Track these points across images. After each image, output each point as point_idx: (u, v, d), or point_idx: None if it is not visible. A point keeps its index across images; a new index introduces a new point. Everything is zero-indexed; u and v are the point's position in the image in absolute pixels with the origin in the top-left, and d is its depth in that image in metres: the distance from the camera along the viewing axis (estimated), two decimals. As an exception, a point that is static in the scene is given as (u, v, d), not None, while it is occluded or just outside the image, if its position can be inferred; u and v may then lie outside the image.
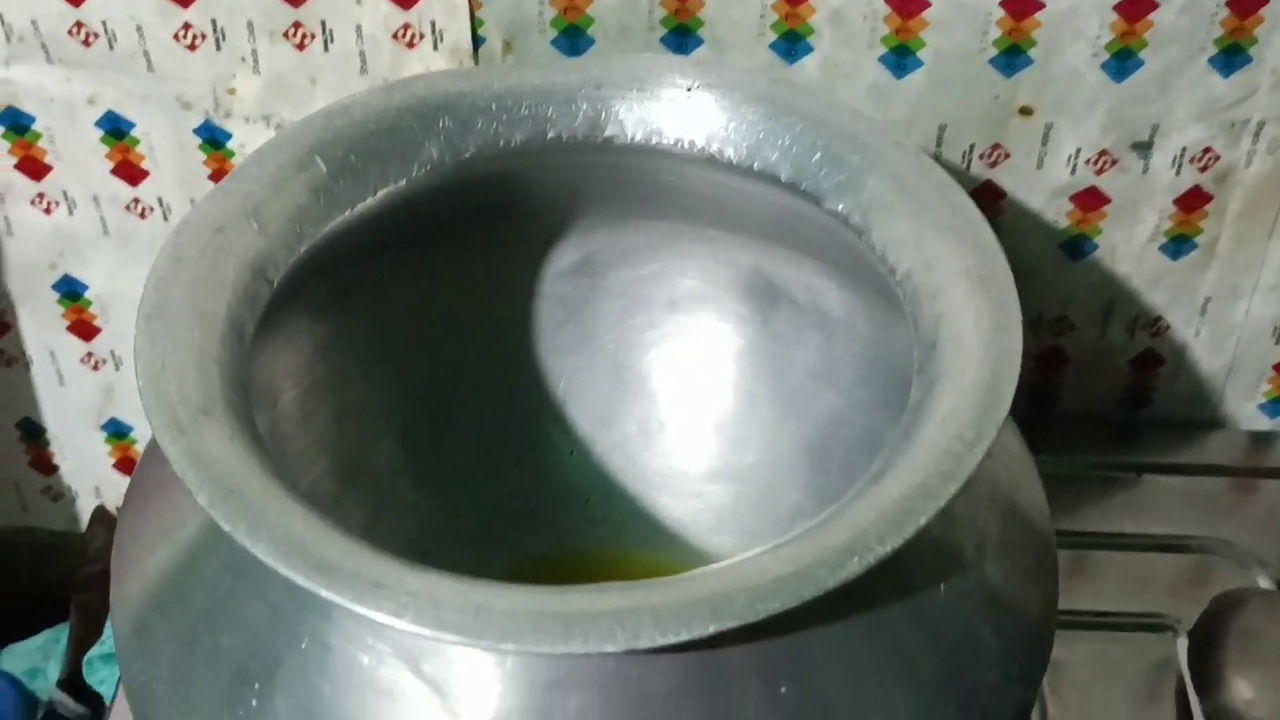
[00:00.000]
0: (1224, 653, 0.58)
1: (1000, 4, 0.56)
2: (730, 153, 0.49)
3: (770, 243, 0.56)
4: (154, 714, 0.42)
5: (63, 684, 0.70)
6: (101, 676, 0.68)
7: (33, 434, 0.73)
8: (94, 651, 0.69)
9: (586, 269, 0.59)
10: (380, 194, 0.48)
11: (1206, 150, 0.59)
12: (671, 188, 0.53)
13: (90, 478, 0.75)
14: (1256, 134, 0.59)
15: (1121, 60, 0.57)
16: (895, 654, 0.40)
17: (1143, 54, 0.57)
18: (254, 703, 0.39)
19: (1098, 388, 0.68)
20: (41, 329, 0.69)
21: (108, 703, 0.69)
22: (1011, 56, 0.57)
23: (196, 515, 0.42)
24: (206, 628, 0.41)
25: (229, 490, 0.37)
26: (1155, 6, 0.55)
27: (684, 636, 0.34)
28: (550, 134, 0.50)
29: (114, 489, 0.75)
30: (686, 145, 0.50)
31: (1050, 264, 0.63)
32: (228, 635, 0.40)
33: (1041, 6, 0.56)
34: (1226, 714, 0.57)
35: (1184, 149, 0.59)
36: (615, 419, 0.60)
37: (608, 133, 0.50)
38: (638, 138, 0.50)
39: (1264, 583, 0.63)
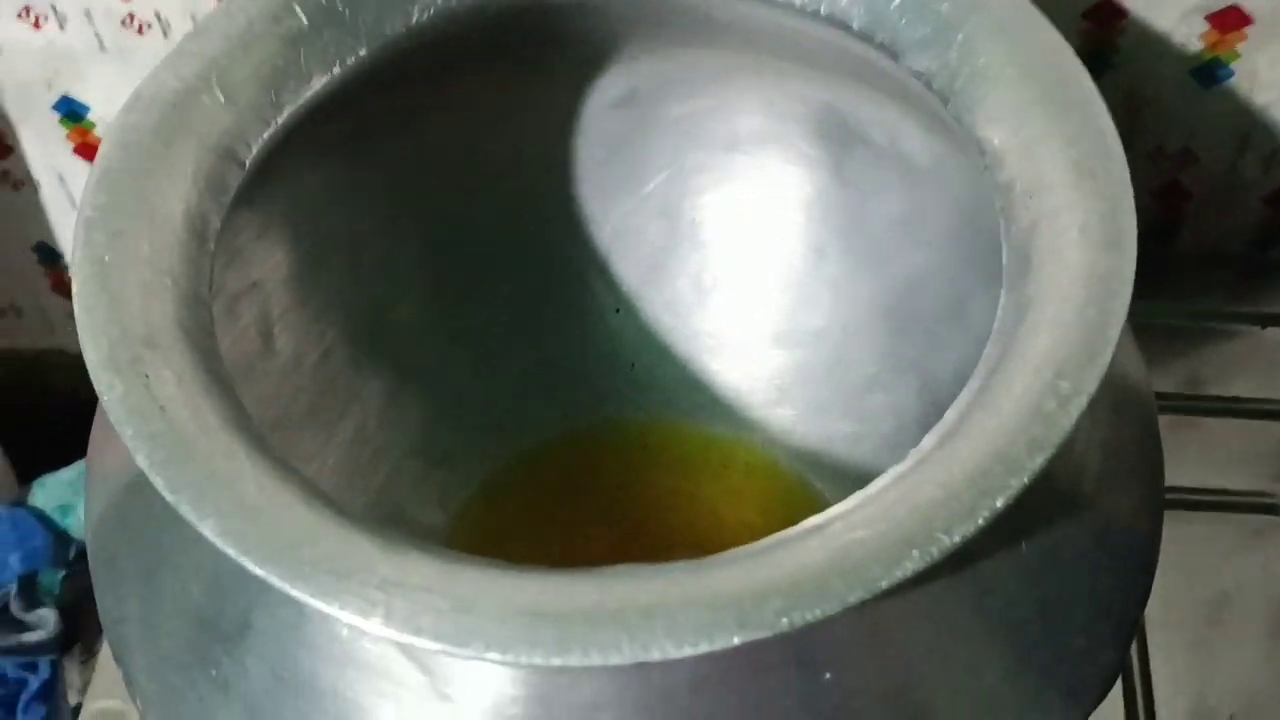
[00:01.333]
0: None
1: None
2: (796, -1, 0.41)
3: (846, 78, 0.48)
4: (127, 658, 0.38)
5: (93, 524, 0.66)
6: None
7: (50, 258, 0.68)
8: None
9: (633, 101, 0.51)
10: (375, 47, 0.41)
11: (1374, -40, 0.50)
12: (727, 24, 0.45)
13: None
14: None
15: None
16: (970, 620, 0.34)
17: None
18: (225, 663, 0.35)
19: (1226, 225, 0.59)
20: (46, 152, 0.63)
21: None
22: None
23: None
24: (174, 571, 0.36)
25: (169, 454, 0.31)
26: None
27: (703, 648, 0.29)
28: (582, -30, 0.42)
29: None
30: (746, -14, 0.41)
31: (1176, 92, 0.54)
32: (196, 583, 0.35)
33: None
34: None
35: (1347, -42, 0.50)
36: (665, 272, 0.54)
37: (651, -30, 0.42)
38: (689, -23, 0.42)
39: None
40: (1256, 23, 0.52)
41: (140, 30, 0.57)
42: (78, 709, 0.64)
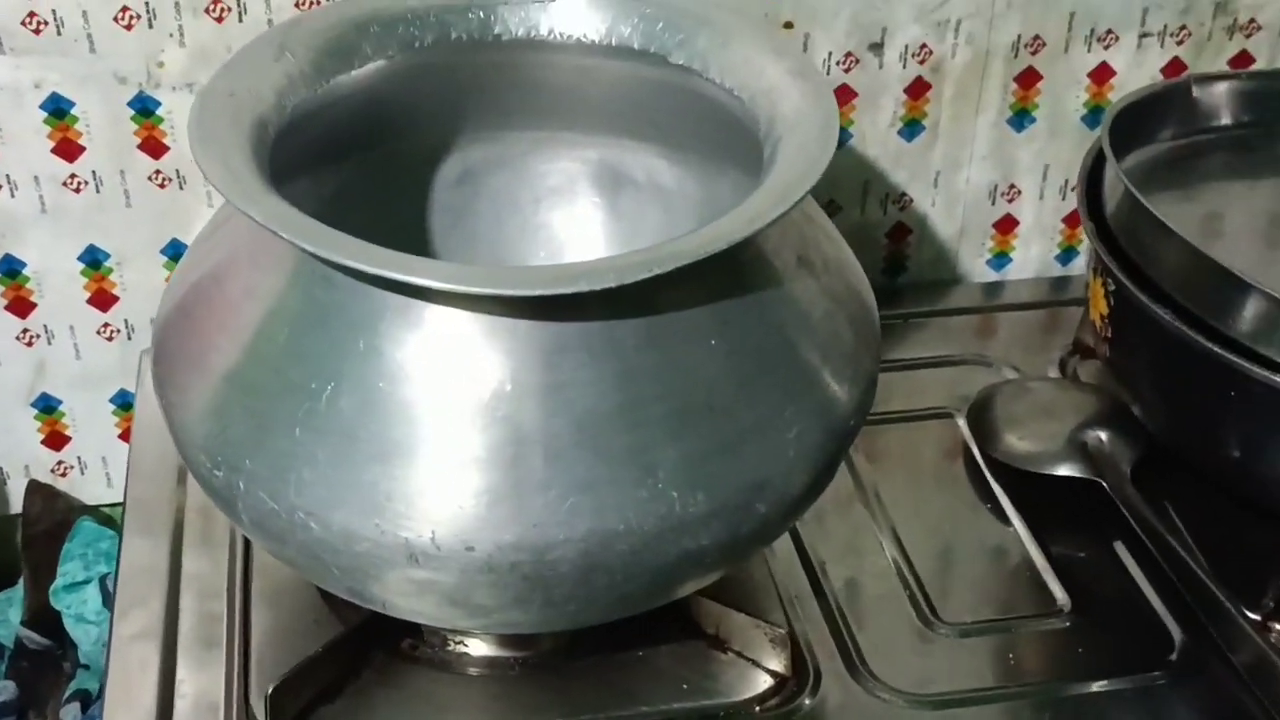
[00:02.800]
0: (996, 418, 0.76)
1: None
2: (593, 35, 0.65)
3: (616, 135, 0.72)
4: (231, 457, 0.54)
5: (26, 624, 0.78)
6: (68, 602, 0.77)
7: (-41, 419, 0.82)
8: (56, 584, 0.78)
9: (468, 179, 0.74)
10: (334, 81, 0.62)
11: (923, 46, 0.79)
12: (543, 84, 0.69)
13: (21, 456, 0.84)
14: (956, 30, 0.79)
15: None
16: (784, 320, 0.56)
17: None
18: (321, 407, 0.52)
19: (864, 260, 0.85)
20: (-22, 313, 0.79)
21: (71, 630, 0.78)
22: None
23: (253, 299, 0.55)
24: (274, 371, 0.53)
25: (313, 231, 0.50)
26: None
27: (656, 271, 0.49)
28: (453, 35, 0.65)
29: (42, 465, 0.84)
30: (559, 35, 0.66)
31: (818, 154, 0.81)
32: (296, 369, 0.53)
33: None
34: (1009, 457, 0.74)
35: (906, 46, 0.78)
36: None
37: (496, 30, 0.66)
38: (520, 33, 0.66)
39: (1013, 377, 0.81)
40: (860, 95, 0.80)
41: (77, 189, 0.75)
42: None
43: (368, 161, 0.70)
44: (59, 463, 0.85)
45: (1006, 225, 0.87)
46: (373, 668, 0.63)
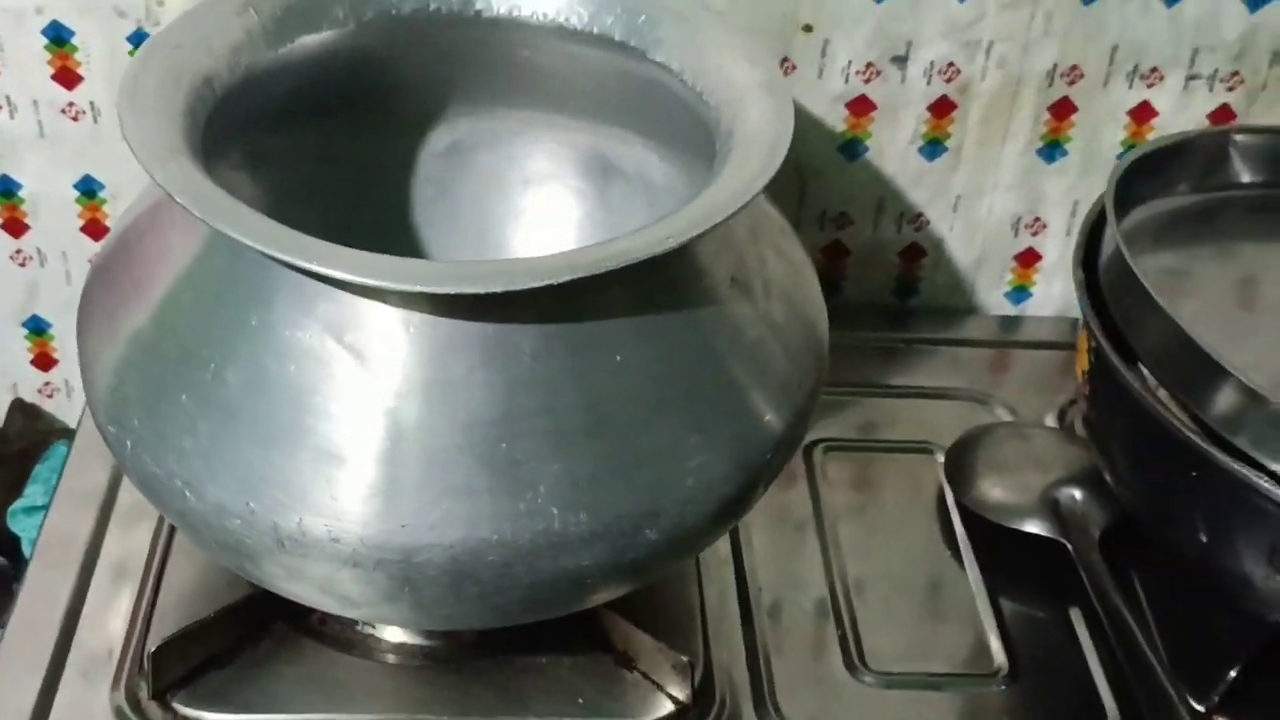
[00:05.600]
0: (975, 462, 0.73)
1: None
2: (575, 20, 0.63)
3: (608, 124, 0.69)
4: (123, 415, 0.53)
5: (-17, 541, 0.79)
6: (24, 525, 0.78)
7: (-40, 331, 0.83)
8: (16, 505, 0.78)
9: (455, 152, 0.72)
10: (298, 42, 0.61)
11: (950, 64, 0.75)
12: (528, 66, 0.67)
13: (9, 374, 0.84)
14: (988, 51, 0.75)
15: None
16: (702, 343, 0.53)
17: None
18: (208, 378, 0.51)
19: (874, 278, 0.82)
20: (-25, 227, 0.79)
21: (26, 553, 0.79)
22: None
23: (166, 261, 0.54)
24: (173, 336, 0.52)
25: (209, 198, 0.49)
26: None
27: (546, 282, 0.47)
28: (432, 6, 0.63)
29: (29, 384, 0.85)
30: (540, 16, 0.63)
31: (832, 165, 0.78)
32: (193, 337, 0.52)
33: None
34: (978, 505, 0.71)
35: (932, 63, 0.75)
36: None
37: (477, 6, 0.63)
38: (501, 11, 0.64)
39: (1007, 420, 0.77)
40: (879, 107, 0.76)
41: (75, 118, 0.75)
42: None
43: (356, 122, 0.69)
44: (46, 384, 0.85)
45: (1029, 259, 0.83)
46: (273, 638, 0.62)
